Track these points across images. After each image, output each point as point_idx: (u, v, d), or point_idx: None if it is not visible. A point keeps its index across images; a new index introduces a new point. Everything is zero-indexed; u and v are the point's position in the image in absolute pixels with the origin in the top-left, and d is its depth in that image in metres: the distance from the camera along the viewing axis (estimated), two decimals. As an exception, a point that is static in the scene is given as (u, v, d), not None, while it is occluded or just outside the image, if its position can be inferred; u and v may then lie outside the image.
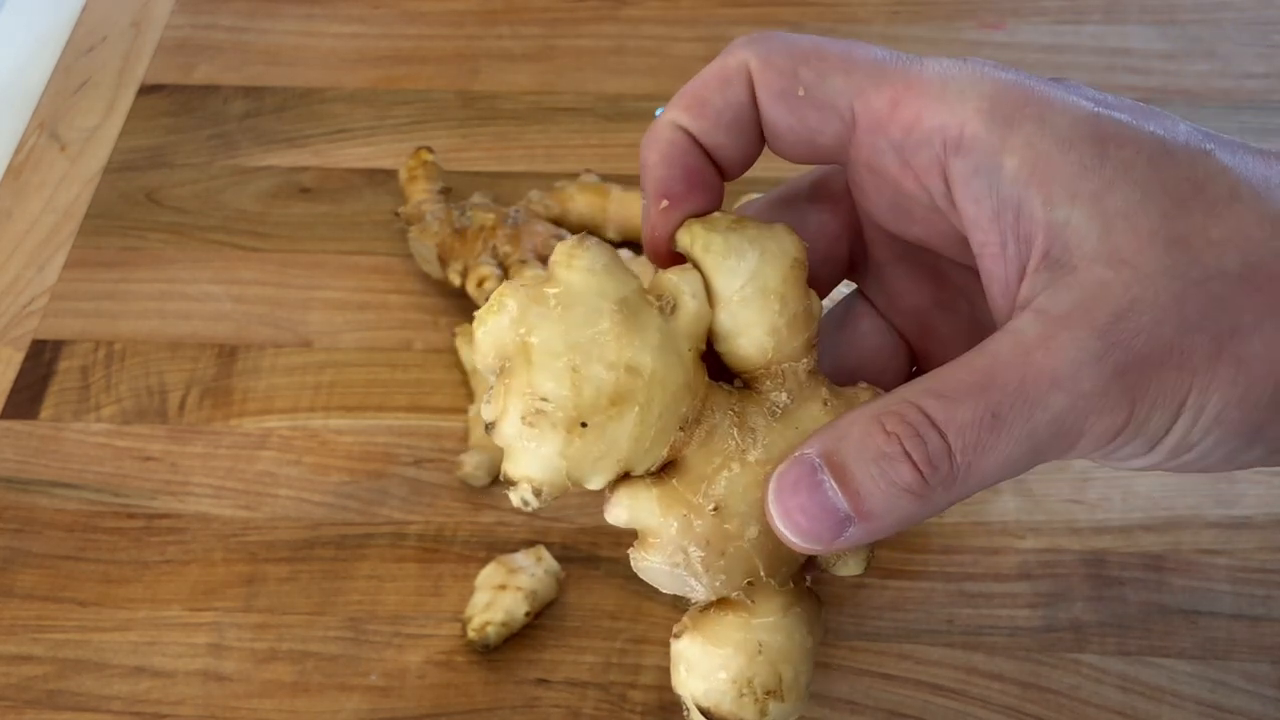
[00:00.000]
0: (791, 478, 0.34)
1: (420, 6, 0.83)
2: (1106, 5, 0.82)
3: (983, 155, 0.34)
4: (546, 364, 0.34)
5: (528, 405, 0.34)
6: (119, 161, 0.76)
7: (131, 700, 0.57)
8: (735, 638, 0.36)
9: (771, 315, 0.36)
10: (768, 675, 0.36)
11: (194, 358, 0.67)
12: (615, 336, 0.34)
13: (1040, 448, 0.33)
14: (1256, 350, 0.32)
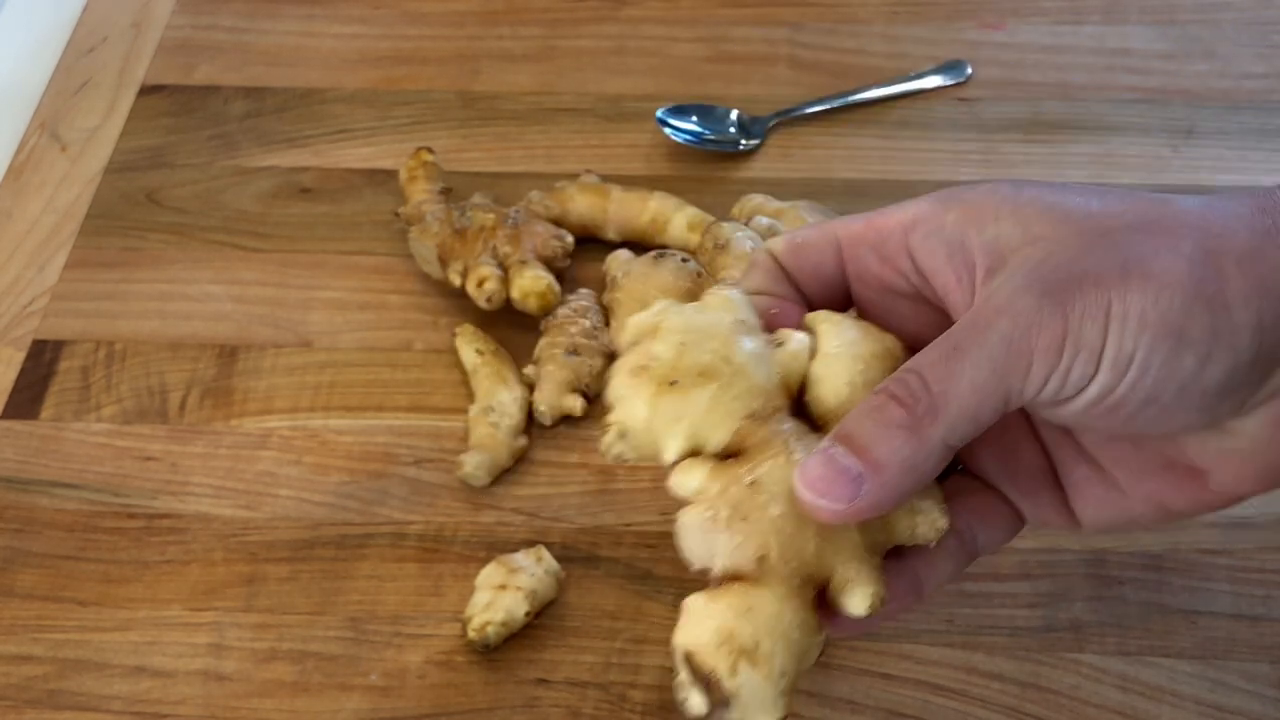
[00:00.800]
0: (811, 460, 0.40)
1: (421, 7, 0.83)
2: (1106, 5, 0.82)
3: (930, 222, 0.42)
4: (665, 337, 0.41)
5: (639, 361, 0.41)
6: (119, 162, 0.76)
7: (132, 700, 0.57)
8: (732, 598, 0.39)
9: (853, 373, 0.42)
10: (747, 637, 0.39)
11: (194, 358, 0.68)
12: (724, 336, 0.42)
13: (1000, 369, 0.39)
14: (1157, 270, 0.39)
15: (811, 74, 0.78)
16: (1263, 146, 0.74)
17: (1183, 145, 0.74)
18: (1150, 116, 0.76)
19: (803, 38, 0.80)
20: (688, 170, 0.74)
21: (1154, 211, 0.41)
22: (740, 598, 0.39)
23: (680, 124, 0.75)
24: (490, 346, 0.66)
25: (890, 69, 0.78)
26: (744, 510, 0.40)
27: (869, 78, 0.78)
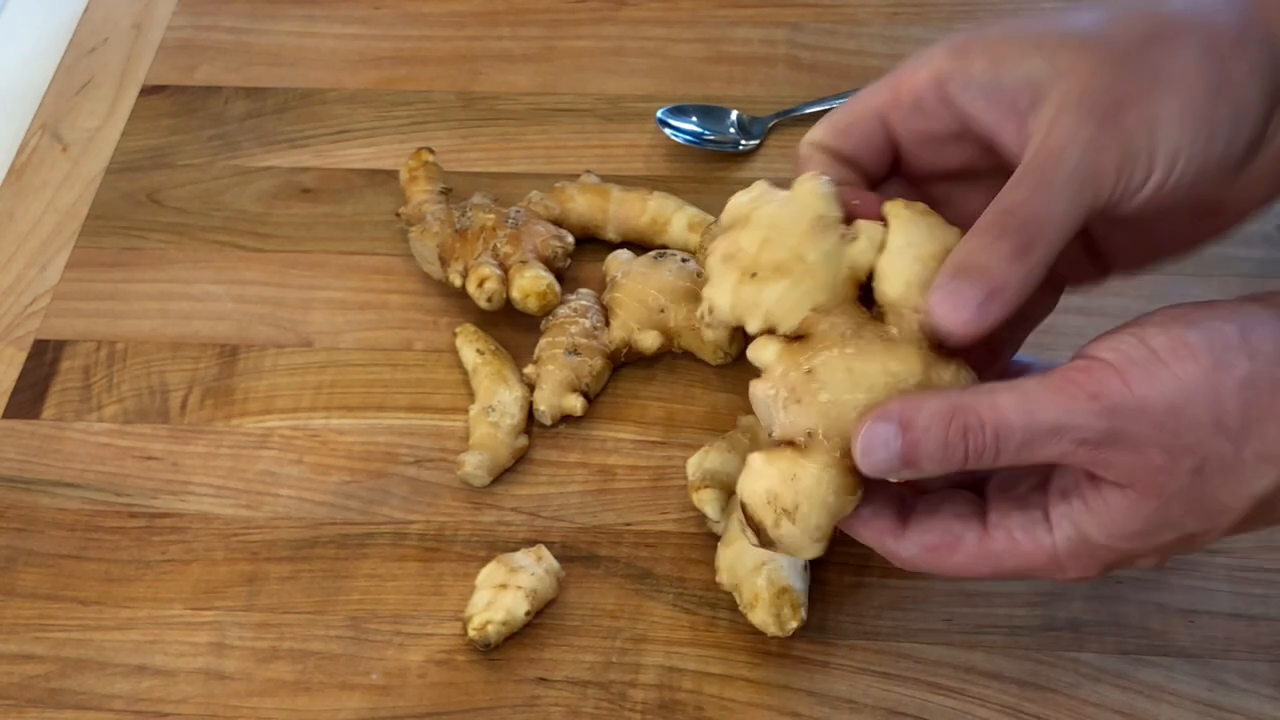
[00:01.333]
0: (937, 295, 0.47)
1: (421, 8, 0.83)
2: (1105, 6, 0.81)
3: (960, 74, 0.49)
4: (753, 230, 0.49)
5: (728, 250, 0.49)
6: (121, 162, 0.76)
7: (133, 699, 0.57)
8: (782, 464, 0.48)
9: (913, 272, 0.48)
10: (789, 500, 0.48)
11: (195, 357, 0.68)
12: (801, 234, 0.48)
13: (1080, 194, 0.46)
14: (1177, 74, 0.46)
15: (811, 74, 0.78)
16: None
17: (1181, 145, 0.74)
18: (1149, 117, 0.76)
19: (802, 38, 0.80)
20: (688, 170, 0.74)
21: (1154, 21, 0.47)
22: (789, 464, 0.47)
23: (680, 124, 0.75)
24: (490, 346, 0.66)
25: (890, 69, 0.78)
26: (799, 394, 0.47)
27: (869, 78, 0.77)
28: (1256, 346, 0.45)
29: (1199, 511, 0.46)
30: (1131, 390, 0.45)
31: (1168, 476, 0.45)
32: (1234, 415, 0.45)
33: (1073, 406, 0.45)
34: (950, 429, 0.46)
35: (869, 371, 0.47)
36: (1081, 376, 0.45)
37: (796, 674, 0.57)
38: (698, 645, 0.57)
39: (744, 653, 0.57)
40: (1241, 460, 0.45)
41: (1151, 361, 0.45)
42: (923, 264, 0.48)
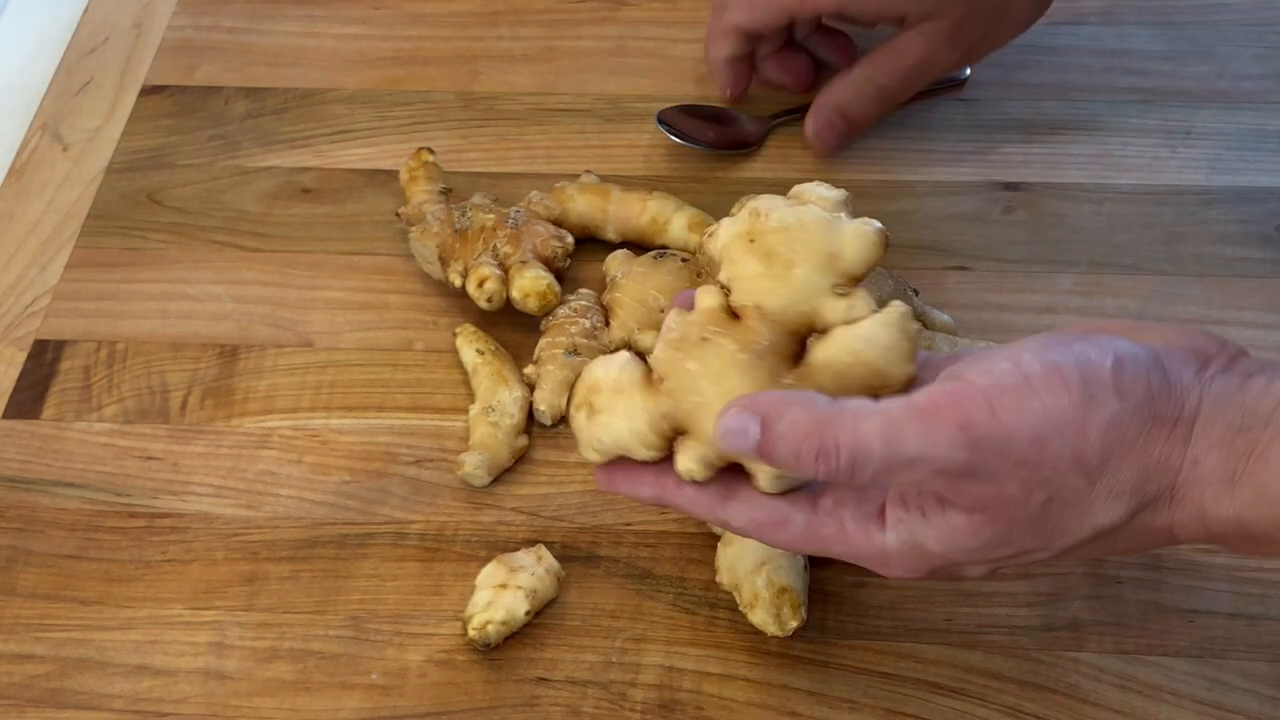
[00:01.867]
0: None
1: (421, 8, 0.83)
2: (1105, 7, 0.82)
3: None
4: (759, 244, 0.50)
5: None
6: (121, 162, 0.76)
7: (133, 699, 0.57)
8: (625, 375, 0.51)
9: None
10: (602, 401, 0.51)
11: (196, 358, 0.68)
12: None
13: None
14: None
15: (811, 74, 0.78)
16: (1261, 147, 0.74)
17: (1180, 146, 0.75)
18: (1148, 117, 0.76)
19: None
20: (688, 170, 0.74)
21: None
22: (630, 384, 0.50)
23: (680, 124, 0.75)
24: (490, 346, 0.66)
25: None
26: (683, 346, 0.49)
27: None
28: (1127, 387, 0.45)
29: (1039, 534, 0.47)
30: (999, 420, 0.45)
31: (1018, 507, 0.46)
32: (1094, 453, 0.45)
33: (936, 438, 0.45)
34: (804, 445, 0.46)
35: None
36: (949, 403, 0.45)
37: (796, 674, 0.57)
38: (698, 645, 0.58)
39: (744, 653, 0.57)
40: (1092, 494, 0.46)
41: (1022, 389, 0.45)
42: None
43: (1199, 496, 0.46)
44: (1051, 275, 0.69)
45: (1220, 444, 0.45)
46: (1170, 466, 0.46)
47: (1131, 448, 0.45)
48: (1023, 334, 0.65)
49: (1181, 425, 0.46)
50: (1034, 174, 0.73)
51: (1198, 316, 0.67)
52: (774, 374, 0.48)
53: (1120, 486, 0.46)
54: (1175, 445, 0.46)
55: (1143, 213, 0.72)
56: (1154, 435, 0.46)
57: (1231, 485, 0.45)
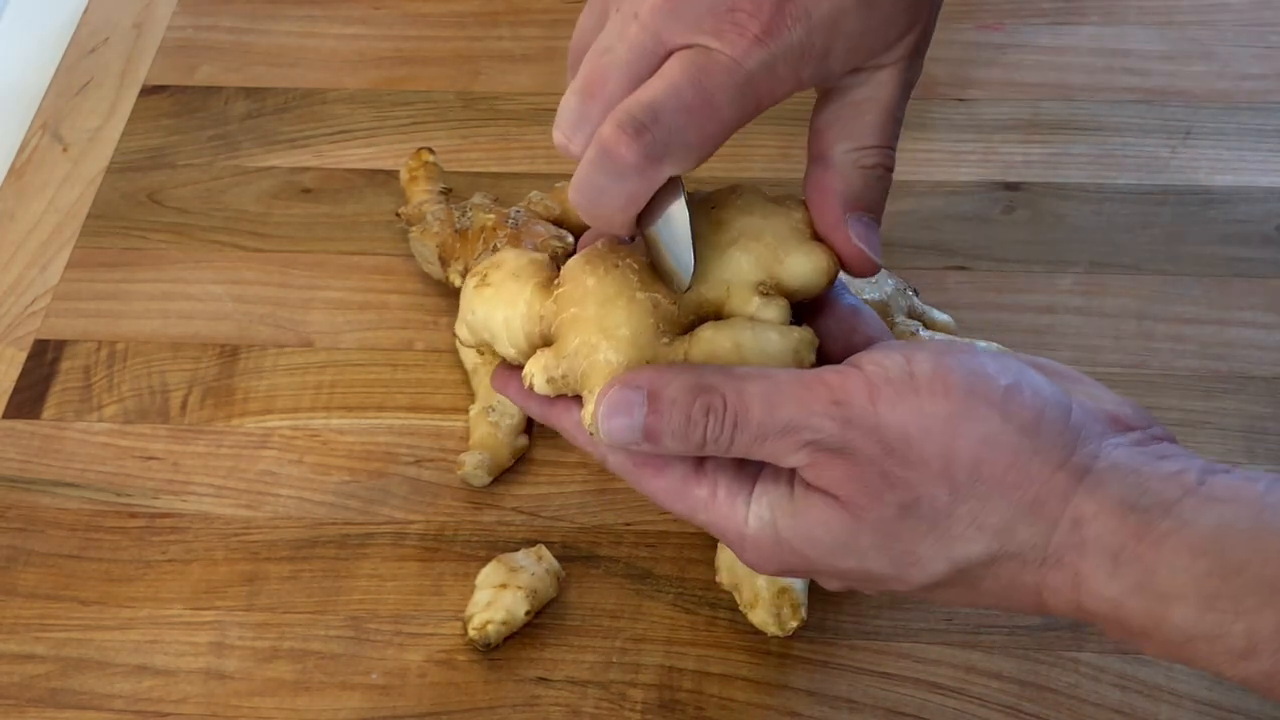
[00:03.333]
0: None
1: (421, 8, 0.83)
2: (1105, 6, 0.82)
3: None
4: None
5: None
6: (121, 162, 0.76)
7: (133, 699, 0.57)
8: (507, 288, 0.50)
9: None
10: (491, 276, 0.51)
11: (196, 357, 0.68)
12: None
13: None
14: None
15: (811, 74, 0.78)
16: (1260, 147, 0.74)
17: (1180, 146, 0.75)
18: (1148, 117, 0.76)
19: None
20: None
21: None
22: (510, 285, 0.50)
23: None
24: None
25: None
26: (593, 261, 0.48)
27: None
28: (1013, 410, 0.43)
29: (891, 552, 0.45)
30: (874, 407, 0.44)
31: (873, 501, 0.44)
32: (963, 468, 0.43)
33: (812, 406, 0.44)
34: (695, 405, 0.44)
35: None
36: (833, 380, 0.44)
37: (796, 674, 0.57)
38: (698, 645, 0.58)
39: (744, 653, 0.57)
40: (954, 516, 0.44)
41: (905, 386, 0.44)
42: None
43: (1075, 563, 0.43)
44: (1051, 275, 0.69)
45: (1110, 514, 0.42)
46: (1046, 515, 0.43)
47: (1004, 477, 0.43)
48: (1023, 334, 0.66)
49: (1067, 473, 0.43)
50: (1034, 174, 0.73)
51: (1198, 316, 0.67)
52: (657, 327, 0.47)
53: (985, 519, 0.43)
54: (1055, 493, 0.43)
55: (1143, 213, 0.72)
56: (1032, 471, 0.43)
57: (1114, 563, 0.42)
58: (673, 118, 0.44)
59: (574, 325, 0.47)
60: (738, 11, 0.44)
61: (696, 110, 0.44)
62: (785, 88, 0.46)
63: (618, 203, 0.46)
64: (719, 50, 0.44)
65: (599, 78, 0.46)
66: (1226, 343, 0.66)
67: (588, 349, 0.47)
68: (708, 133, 0.45)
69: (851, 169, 0.48)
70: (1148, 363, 0.66)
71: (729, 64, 0.44)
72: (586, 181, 0.46)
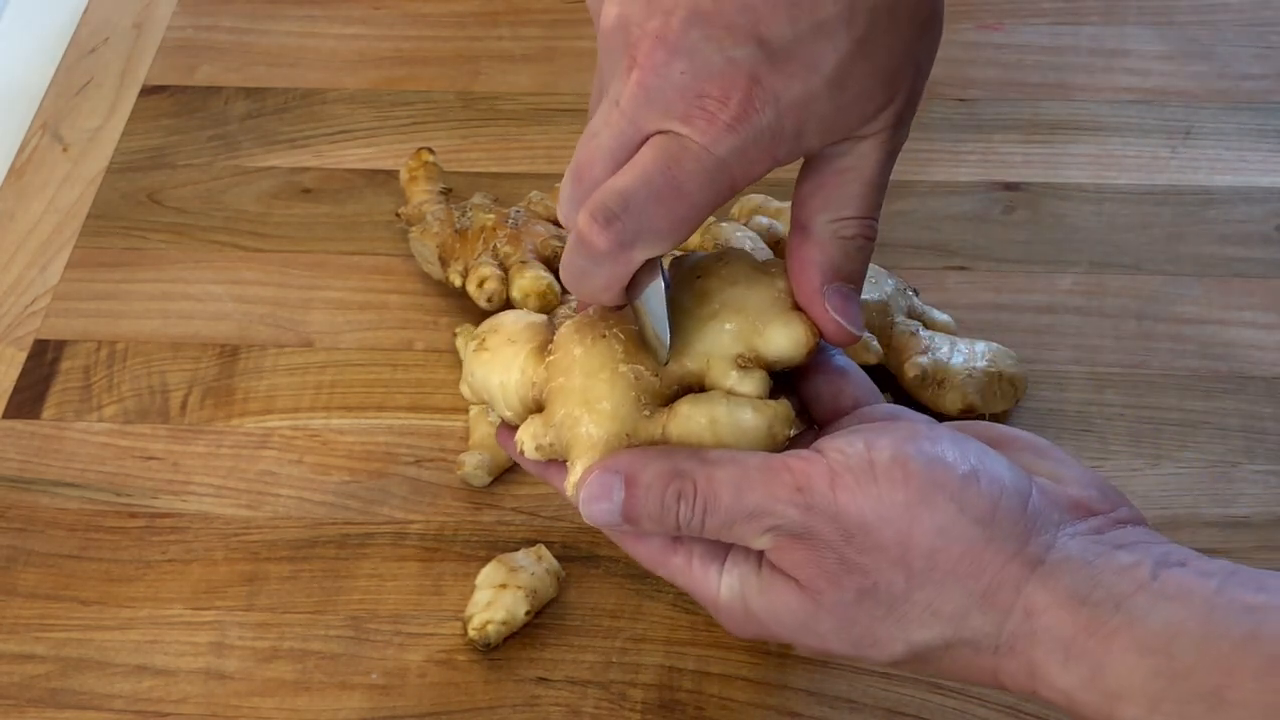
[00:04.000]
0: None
1: (421, 8, 0.83)
2: (1105, 6, 0.82)
3: None
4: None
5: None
6: (121, 162, 0.76)
7: (133, 699, 0.57)
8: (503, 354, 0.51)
9: None
10: (492, 338, 0.51)
11: (196, 357, 0.68)
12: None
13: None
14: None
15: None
16: (1260, 147, 0.74)
17: (1180, 146, 0.75)
18: (1148, 117, 0.76)
19: (802, 38, 0.80)
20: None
21: None
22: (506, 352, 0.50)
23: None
24: (491, 346, 0.66)
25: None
26: (582, 330, 0.49)
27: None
28: (969, 500, 0.44)
29: (849, 634, 0.46)
30: (835, 496, 0.44)
31: (832, 586, 0.45)
32: (919, 556, 0.44)
33: (777, 493, 0.45)
34: (667, 492, 0.46)
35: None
36: (797, 466, 0.45)
37: (796, 674, 0.57)
38: (698, 645, 0.58)
39: (744, 653, 0.57)
40: (911, 601, 0.44)
41: (864, 474, 0.44)
42: None
43: (1028, 652, 0.44)
44: (1051, 275, 0.69)
45: (1061, 606, 0.43)
46: (999, 604, 0.44)
47: (958, 566, 0.44)
48: (1023, 334, 0.66)
49: (1020, 562, 0.44)
50: (1034, 174, 0.74)
51: (1197, 316, 0.67)
52: (639, 400, 0.47)
53: (940, 606, 0.44)
54: (1008, 582, 0.44)
55: (1143, 213, 0.72)
56: (985, 561, 0.44)
57: (1066, 655, 0.43)
58: (643, 206, 0.45)
59: (561, 395, 0.48)
60: (706, 98, 0.44)
61: (666, 197, 0.45)
62: (760, 168, 0.46)
63: (598, 284, 0.47)
64: (689, 137, 0.45)
65: (587, 162, 0.46)
66: (1226, 343, 0.67)
67: (571, 421, 0.48)
68: (678, 217, 0.45)
69: (831, 239, 0.48)
70: (1148, 363, 0.66)
71: (699, 151, 0.45)
72: (569, 264, 0.47)
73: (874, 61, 0.46)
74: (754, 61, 0.44)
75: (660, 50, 0.45)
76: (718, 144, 0.45)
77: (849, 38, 0.45)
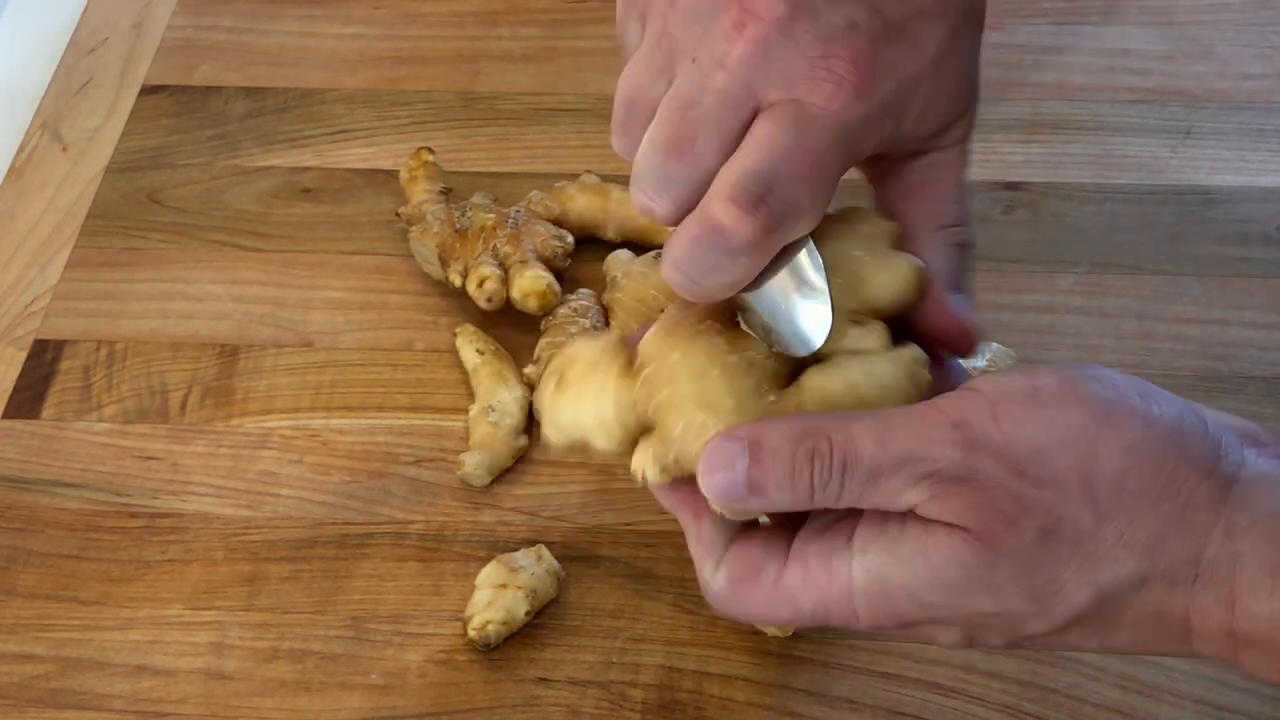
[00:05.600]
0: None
1: (421, 7, 0.83)
2: (1105, 6, 0.82)
3: None
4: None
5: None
6: (121, 162, 0.76)
7: (133, 699, 0.57)
8: (606, 361, 0.46)
9: None
10: (570, 375, 0.47)
11: (195, 357, 0.68)
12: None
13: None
14: None
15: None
16: (1261, 147, 0.74)
17: (1181, 146, 0.75)
18: (1149, 117, 0.76)
19: (802, 38, 0.80)
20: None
21: None
22: (609, 366, 0.46)
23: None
24: (490, 346, 0.66)
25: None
26: (673, 334, 0.45)
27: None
28: (1155, 416, 0.40)
29: (1030, 583, 0.40)
30: (999, 425, 0.40)
31: (1009, 527, 0.40)
32: (1107, 481, 0.39)
33: (929, 434, 0.40)
34: (798, 452, 0.40)
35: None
36: (949, 404, 0.40)
37: (796, 674, 0.57)
38: (698, 645, 0.57)
39: (744, 653, 0.57)
40: (1098, 536, 0.40)
41: (1030, 399, 0.40)
42: None
43: (1229, 578, 0.39)
44: (1051, 275, 0.69)
45: (1265, 525, 0.39)
46: (1197, 527, 0.39)
47: (1151, 487, 0.39)
48: (1023, 334, 0.66)
49: (1215, 480, 0.40)
50: (1034, 174, 0.73)
51: (1198, 316, 0.67)
52: (759, 386, 0.44)
53: (1133, 535, 0.39)
54: (1204, 503, 0.39)
55: (1143, 213, 0.72)
56: (1180, 479, 0.39)
57: (1274, 579, 0.39)
58: (786, 185, 0.41)
59: (672, 406, 0.44)
60: (833, 59, 0.41)
61: (805, 172, 0.41)
62: (869, 146, 0.43)
63: (729, 279, 0.42)
64: (815, 104, 0.41)
65: (687, 135, 0.41)
66: (1227, 343, 0.66)
67: (695, 429, 0.43)
68: (820, 193, 0.42)
69: (941, 249, 0.45)
70: (1148, 363, 0.66)
71: (828, 119, 0.41)
72: (692, 260, 0.42)
73: (958, 59, 0.44)
74: (873, 30, 0.41)
75: (782, 4, 0.41)
76: (848, 111, 0.41)
77: (944, 28, 0.43)
